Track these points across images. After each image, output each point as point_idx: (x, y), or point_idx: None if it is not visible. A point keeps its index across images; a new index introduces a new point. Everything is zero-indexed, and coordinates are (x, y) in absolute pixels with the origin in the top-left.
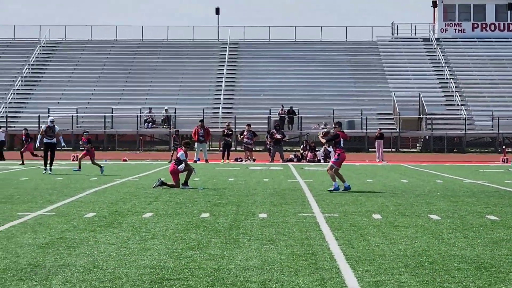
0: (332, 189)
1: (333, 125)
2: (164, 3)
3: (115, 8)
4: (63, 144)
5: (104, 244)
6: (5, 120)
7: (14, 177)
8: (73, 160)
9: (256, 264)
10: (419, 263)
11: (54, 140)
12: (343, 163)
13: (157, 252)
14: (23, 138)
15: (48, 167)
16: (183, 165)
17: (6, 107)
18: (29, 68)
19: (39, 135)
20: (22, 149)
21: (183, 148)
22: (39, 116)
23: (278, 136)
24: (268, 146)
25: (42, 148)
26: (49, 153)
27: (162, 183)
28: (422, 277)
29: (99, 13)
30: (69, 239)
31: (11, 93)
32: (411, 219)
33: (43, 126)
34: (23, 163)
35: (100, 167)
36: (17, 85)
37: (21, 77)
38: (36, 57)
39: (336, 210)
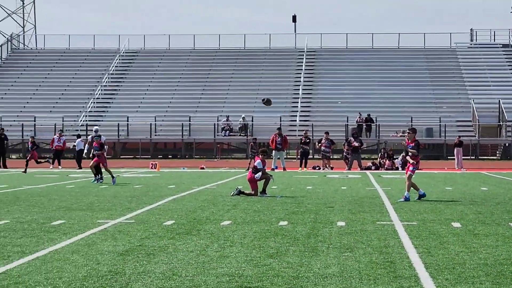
0: (402, 199)
1: (407, 131)
2: (241, 11)
3: (193, 17)
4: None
5: (183, 252)
6: (85, 129)
7: (95, 185)
8: (151, 168)
9: (334, 272)
10: (500, 272)
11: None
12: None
13: (235, 260)
14: (29, 146)
15: (98, 176)
16: (259, 173)
17: (86, 116)
18: (108, 77)
19: (86, 144)
20: (28, 157)
21: (260, 156)
22: (118, 124)
23: (356, 144)
24: (345, 154)
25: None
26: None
27: (240, 192)
28: (504, 286)
29: (177, 22)
30: (149, 246)
31: (91, 102)
32: (491, 227)
33: (89, 137)
34: (25, 171)
35: (96, 177)
36: (97, 94)
37: (101, 86)
38: (116, 66)
39: (415, 218)
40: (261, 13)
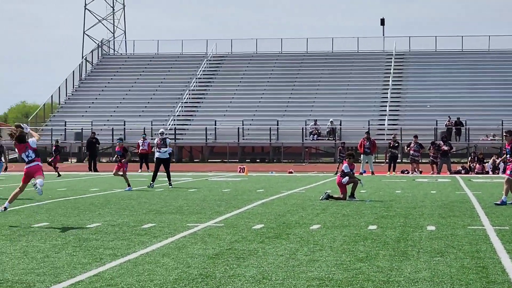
0: (498, 202)
1: (505, 134)
2: (328, 15)
3: (280, 21)
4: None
5: (272, 256)
6: (173, 133)
7: (183, 189)
8: (239, 172)
9: (425, 277)
10: None
11: (166, 154)
12: None
13: (325, 264)
14: (53, 150)
15: (154, 182)
16: (346, 178)
17: (174, 120)
18: (196, 81)
19: (155, 148)
20: (50, 160)
21: (347, 160)
22: (206, 128)
23: (445, 147)
24: (431, 158)
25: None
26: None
27: (329, 196)
28: None
29: (264, 26)
30: (238, 250)
31: (179, 106)
32: None
33: (156, 139)
34: (59, 175)
35: (129, 185)
36: (185, 98)
37: (189, 90)
38: (203, 70)
39: (507, 223)
40: (350, 16)
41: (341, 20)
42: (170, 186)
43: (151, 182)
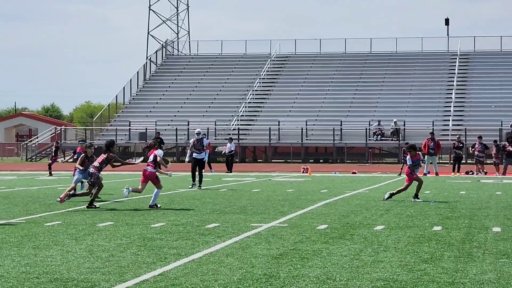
0: None
1: None
2: (393, 15)
3: (344, 22)
4: (206, 159)
5: (336, 256)
6: (237, 133)
7: (247, 189)
8: (303, 172)
9: (491, 279)
10: None
11: (203, 155)
12: None
13: (389, 265)
14: (53, 150)
15: (196, 183)
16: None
17: (238, 120)
18: (260, 82)
19: (189, 149)
20: (50, 161)
21: (409, 152)
22: (269, 128)
23: (511, 148)
24: (493, 159)
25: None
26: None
27: (391, 195)
28: None
29: (328, 26)
30: (302, 250)
31: (243, 106)
32: None
33: (192, 140)
34: (50, 174)
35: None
36: (248, 98)
37: (252, 90)
38: (267, 71)
39: None
40: (414, 16)
41: (405, 20)
42: (199, 188)
43: (193, 183)
